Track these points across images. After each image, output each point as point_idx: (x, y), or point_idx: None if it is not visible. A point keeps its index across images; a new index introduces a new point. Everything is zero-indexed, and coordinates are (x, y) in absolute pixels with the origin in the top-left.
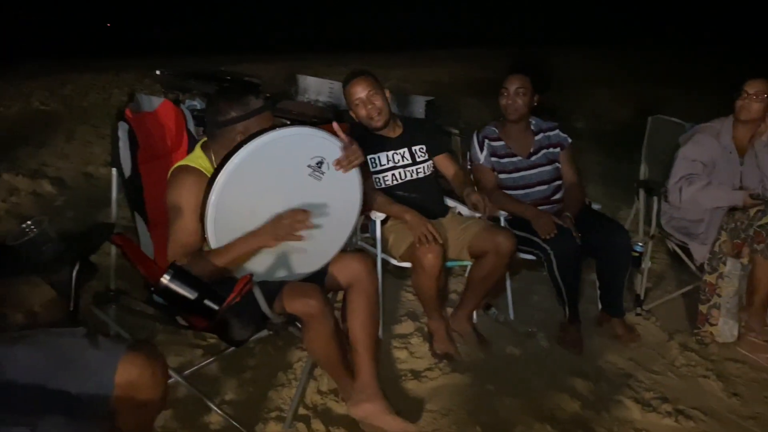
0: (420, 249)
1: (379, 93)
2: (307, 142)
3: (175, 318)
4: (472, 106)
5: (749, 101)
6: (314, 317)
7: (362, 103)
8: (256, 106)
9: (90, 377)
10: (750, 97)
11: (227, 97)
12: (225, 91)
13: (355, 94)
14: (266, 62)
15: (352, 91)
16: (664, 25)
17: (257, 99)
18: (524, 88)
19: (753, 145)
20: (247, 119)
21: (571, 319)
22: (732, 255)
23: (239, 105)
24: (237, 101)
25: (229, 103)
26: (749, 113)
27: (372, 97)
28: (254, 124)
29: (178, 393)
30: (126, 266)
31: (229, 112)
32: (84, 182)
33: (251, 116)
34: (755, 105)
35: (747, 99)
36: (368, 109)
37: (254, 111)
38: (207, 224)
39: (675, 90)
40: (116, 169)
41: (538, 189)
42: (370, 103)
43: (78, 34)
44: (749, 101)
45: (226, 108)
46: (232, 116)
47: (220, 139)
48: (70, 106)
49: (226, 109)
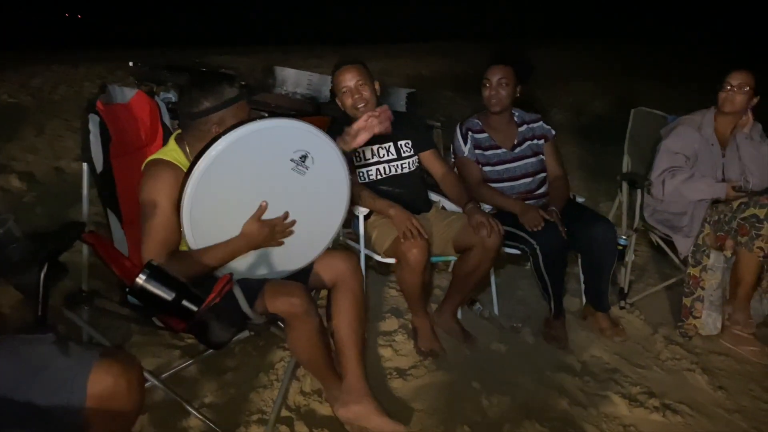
0: (405, 244)
1: (368, 84)
2: (290, 134)
3: (152, 319)
4: (451, 100)
5: (732, 93)
6: (298, 317)
7: (349, 92)
8: (231, 95)
9: (60, 387)
10: (733, 89)
11: (200, 86)
12: (198, 81)
13: (343, 82)
14: (241, 54)
15: (340, 79)
16: (641, 18)
17: (232, 88)
18: (506, 79)
19: (735, 137)
20: (221, 109)
21: (556, 313)
22: (715, 247)
23: (213, 95)
24: (210, 91)
25: (203, 93)
26: (732, 105)
27: (360, 87)
28: (229, 114)
29: (155, 397)
30: (99, 265)
31: (202, 103)
32: (54, 177)
33: (226, 106)
34: (738, 97)
35: (730, 91)
36: (355, 99)
37: (229, 100)
38: (183, 220)
39: (652, 83)
40: (87, 164)
41: (523, 182)
42: (357, 92)
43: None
44: (732, 93)
45: (200, 98)
46: (206, 107)
47: (194, 131)
48: (39, 99)
49: (199, 99)
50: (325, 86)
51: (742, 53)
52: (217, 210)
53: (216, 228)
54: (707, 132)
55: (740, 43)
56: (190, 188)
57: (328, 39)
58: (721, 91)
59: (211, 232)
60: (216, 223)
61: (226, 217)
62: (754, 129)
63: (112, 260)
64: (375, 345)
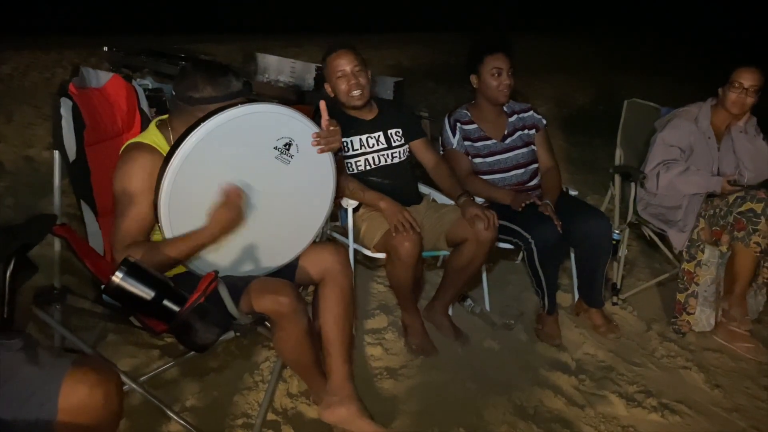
0: (396, 237)
1: (364, 70)
2: (273, 121)
3: (129, 318)
4: (433, 90)
5: (744, 96)
6: (285, 316)
7: (345, 77)
8: (236, 88)
9: (28, 399)
10: (745, 91)
11: (207, 73)
12: (205, 67)
13: (339, 66)
14: (217, 42)
15: (336, 63)
16: (620, 9)
17: (237, 81)
18: (513, 68)
19: (730, 131)
20: (224, 101)
21: (549, 309)
22: (710, 242)
23: (219, 84)
24: (217, 80)
25: (209, 80)
26: (743, 107)
27: (357, 72)
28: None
29: (132, 401)
30: (71, 261)
31: (206, 89)
32: (25, 166)
33: (229, 99)
34: (750, 99)
35: (742, 93)
36: (350, 85)
37: (232, 94)
38: (161, 207)
39: (633, 74)
40: (59, 152)
41: (515, 173)
42: (354, 78)
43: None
44: (744, 96)
45: (204, 85)
46: (209, 95)
47: (187, 117)
48: (9, 86)
49: (203, 86)
50: (308, 74)
51: (725, 46)
52: (196, 198)
53: (194, 216)
54: (704, 125)
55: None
56: (170, 174)
57: (307, 28)
58: (731, 91)
59: (189, 220)
60: (194, 212)
61: (205, 206)
62: (749, 122)
63: (85, 255)
64: (364, 343)
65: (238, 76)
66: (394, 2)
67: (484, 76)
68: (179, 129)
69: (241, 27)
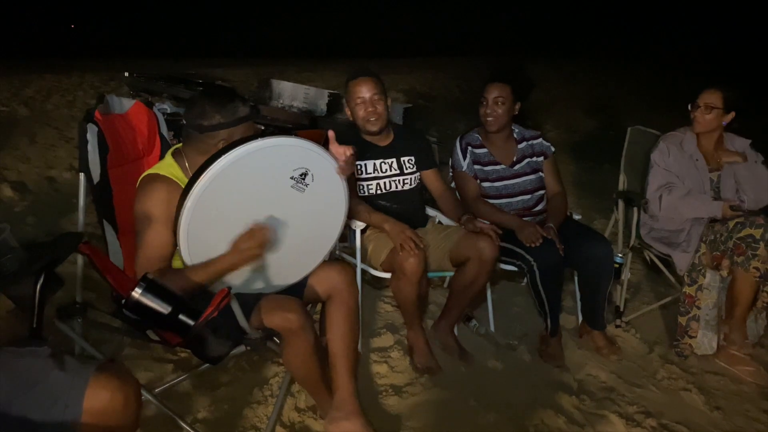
0: (401, 254)
1: (383, 98)
2: (291, 152)
3: (146, 332)
4: (445, 115)
5: (700, 113)
6: (294, 332)
7: (364, 104)
8: (243, 113)
9: (55, 402)
10: (699, 110)
11: (214, 100)
12: (212, 94)
13: (358, 93)
14: (234, 67)
15: (356, 89)
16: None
17: (244, 106)
18: (503, 97)
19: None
20: (232, 126)
21: (552, 331)
22: (711, 267)
23: (226, 111)
24: (224, 106)
25: (217, 107)
26: (700, 126)
27: (376, 101)
28: (238, 132)
29: (148, 411)
30: (92, 277)
31: (215, 117)
32: (47, 187)
33: (237, 124)
34: (706, 116)
35: (698, 111)
36: (368, 112)
37: (241, 119)
38: (180, 235)
39: (643, 102)
40: (84, 174)
41: (521, 198)
42: (372, 105)
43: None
44: (700, 113)
45: (213, 112)
46: (218, 122)
47: (198, 144)
48: (32, 108)
49: (212, 113)
50: (321, 100)
51: (729, 69)
52: (214, 227)
53: (213, 245)
54: (690, 148)
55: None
56: (190, 203)
57: (323, 54)
58: (692, 111)
59: (208, 248)
60: (213, 240)
61: (224, 235)
62: (746, 149)
63: (108, 272)
64: (370, 361)
65: (244, 101)
66: (408, 28)
67: (479, 104)
68: (193, 156)
69: (258, 52)
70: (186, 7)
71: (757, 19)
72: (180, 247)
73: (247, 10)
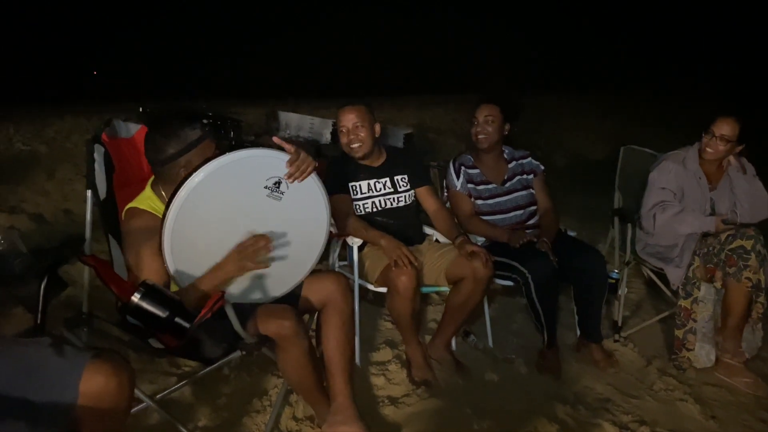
0: (394, 271)
1: (366, 126)
2: (258, 163)
3: (149, 341)
4: (454, 147)
5: (714, 143)
6: (288, 338)
7: (347, 133)
8: (194, 137)
9: (54, 385)
10: (715, 139)
11: (162, 133)
12: (159, 127)
13: (341, 122)
14: (249, 105)
15: (340, 118)
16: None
17: (194, 130)
18: (493, 116)
19: (728, 173)
20: (186, 153)
21: (549, 344)
22: (705, 280)
23: (178, 139)
24: (173, 135)
25: (166, 138)
26: (713, 154)
27: (357, 129)
28: (196, 155)
29: (150, 419)
30: (99, 292)
31: (167, 149)
32: (63, 218)
33: (190, 149)
34: (720, 147)
35: (713, 140)
36: (350, 139)
37: (193, 143)
38: (167, 263)
39: (654, 130)
40: (91, 191)
41: (514, 214)
42: (353, 133)
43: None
44: (714, 143)
45: (164, 145)
46: (171, 153)
47: (165, 176)
48: (52, 147)
49: (163, 146)
50: (325, 129)
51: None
52: (198, 247)
53: (199, 264)
54: (692, 166)
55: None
56: (166, 234)
57: (338, 90)
58: (705, 137)
59: (195, 268)
60: (199, 261)
61: (210, 253)
62: (747, 166)
63: (110, 280)
64: (368, 374)
65: (193, 123)
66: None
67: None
68: (166, 188)
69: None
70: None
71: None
72: (170, 274)
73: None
